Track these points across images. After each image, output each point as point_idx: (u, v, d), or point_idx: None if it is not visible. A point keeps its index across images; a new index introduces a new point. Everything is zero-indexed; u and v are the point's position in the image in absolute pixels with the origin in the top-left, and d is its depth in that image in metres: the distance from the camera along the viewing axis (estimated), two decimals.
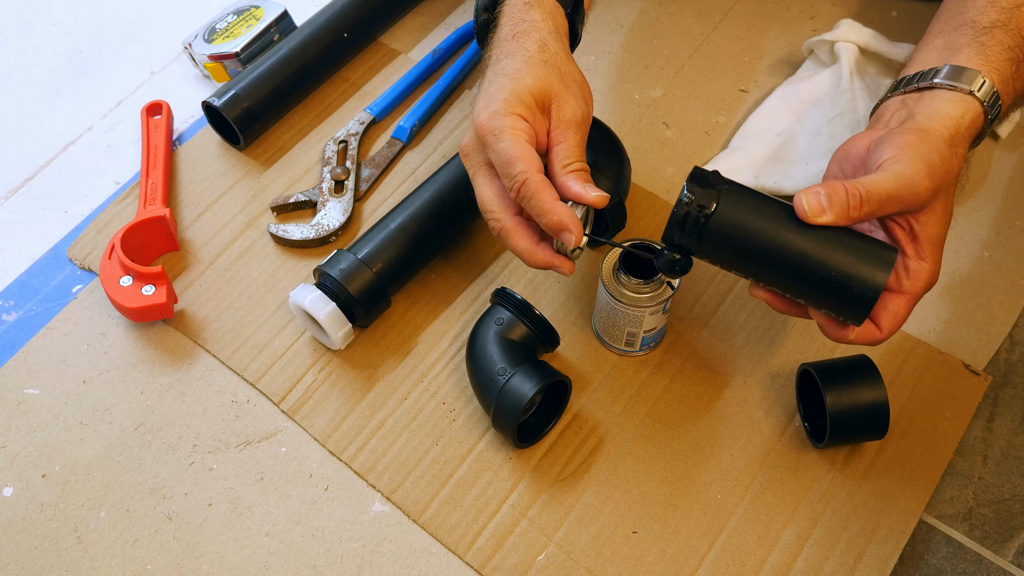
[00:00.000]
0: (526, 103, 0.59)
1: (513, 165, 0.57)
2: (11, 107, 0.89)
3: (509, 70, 0.60)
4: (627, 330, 0.66)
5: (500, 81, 0.60)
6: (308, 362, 0.71)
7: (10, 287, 0.76)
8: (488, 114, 0.58)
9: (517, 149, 0.57)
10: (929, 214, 0.56)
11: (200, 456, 0.67)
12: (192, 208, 0.79)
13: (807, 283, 0.55)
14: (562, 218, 0.57)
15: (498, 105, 0.58)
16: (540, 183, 0.57)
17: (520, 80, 0.59)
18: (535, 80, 0.60)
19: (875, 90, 0.77)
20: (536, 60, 0.61)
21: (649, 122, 0.83)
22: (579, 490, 0.65)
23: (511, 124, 0.58)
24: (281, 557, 0.63)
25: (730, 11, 0.91)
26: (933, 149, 0.56)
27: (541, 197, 0.57)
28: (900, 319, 0.58)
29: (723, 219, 0.55)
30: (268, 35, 0.86)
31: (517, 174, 0.57)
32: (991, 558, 0.62)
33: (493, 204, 0.61)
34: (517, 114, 0.59)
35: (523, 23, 0.63)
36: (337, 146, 0.81)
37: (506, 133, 0.58)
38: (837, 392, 0.62)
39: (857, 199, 0.54)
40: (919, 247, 0.57)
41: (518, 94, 0.59)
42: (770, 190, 0.76)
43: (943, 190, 0.56)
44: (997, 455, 0.66)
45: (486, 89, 0.61)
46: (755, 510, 0.64)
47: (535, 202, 0.57)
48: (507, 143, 0.57)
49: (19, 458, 0.68)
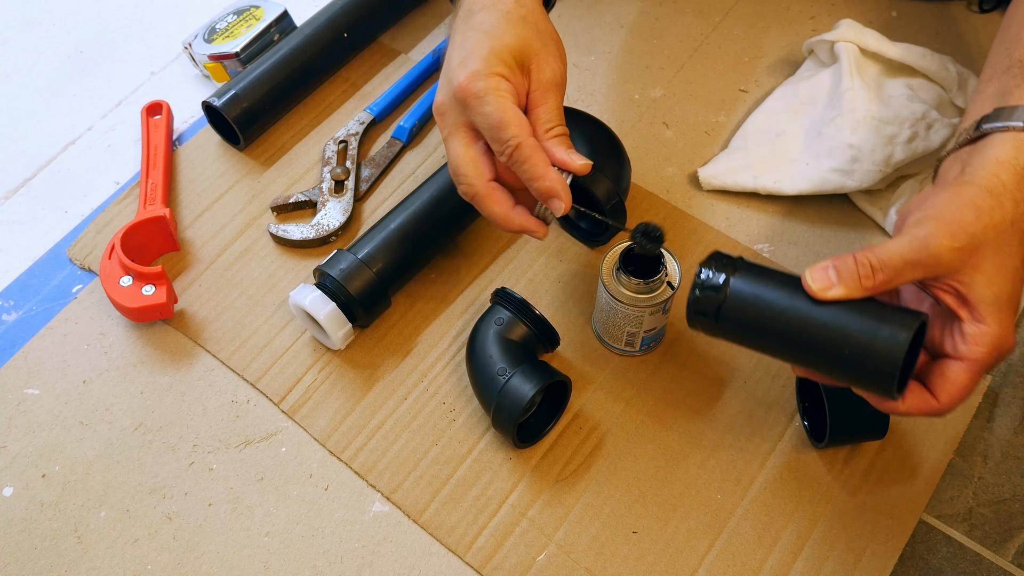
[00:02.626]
0: (506, 62, 0.57)
1: (504, 129, 0.55)
2: (11, 107, 0.89)
3: (486, 25, 0.58)
4: (627, 330, 0.66)
5: (476, 37, 0.57)
6: (308, 362, 0.71)
7: (10, 287, 0.76)
8: (469, 75, 0.56)
9: (507, 112, 0.56)
10: (974, 273, 0.52)
11: (200, 456, 0.67)
12: (192, 208, 0.79)
13: (828, 361, 0.54)
14: (554, 184, 0.56)
15: (478, 64, 0.56)
16: (534, 148, 0.56)
17: (499, 37, 0.57)
18: (514, 38, 0.57)
19: (875, 90, 0.77)
20: (514, 16, 0.58)
21: (649, 122, 0.83)
22: (579, 490, 0.65)
23: (495, 85, 0.56)
24: (281, 557, 0.63)
25: (730, 11, 0.91)
26: (966, 204, 0.52)
27: (534, 162, 0.56)
28: (961, 387, 0.53)
29: (736, 301, 0.54)
30: (268, 35, 0.86)
31: (509, 138, 0.56)
32: (991, 558, 0.62)
33: (468, 168, 0.59)
34: (499, 74, 0.56)
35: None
36: (337, 146, 0.81)
37: (491, 95, 0.56)
38: (838, 392, 0.62)
39: (868, 268, 0.51)
40: (973, 310, 0.52)
41: (498, 52, 0.56)
42: (770, 190, 0.76)
43: (987, 245, 0.52)
44: (997, 455, 0.66)
45: (460, 45, 0.58)
46: (755, 510, 0.64)
47: (528, 166, 0.56)
48: (494, 106, 0.55)
49: (19, 458, 0.68)
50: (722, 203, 0.78)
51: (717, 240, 0.76)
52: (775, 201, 0.78)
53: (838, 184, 0.75)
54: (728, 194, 0.78)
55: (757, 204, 0.78)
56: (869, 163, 0.74)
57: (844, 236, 0.76)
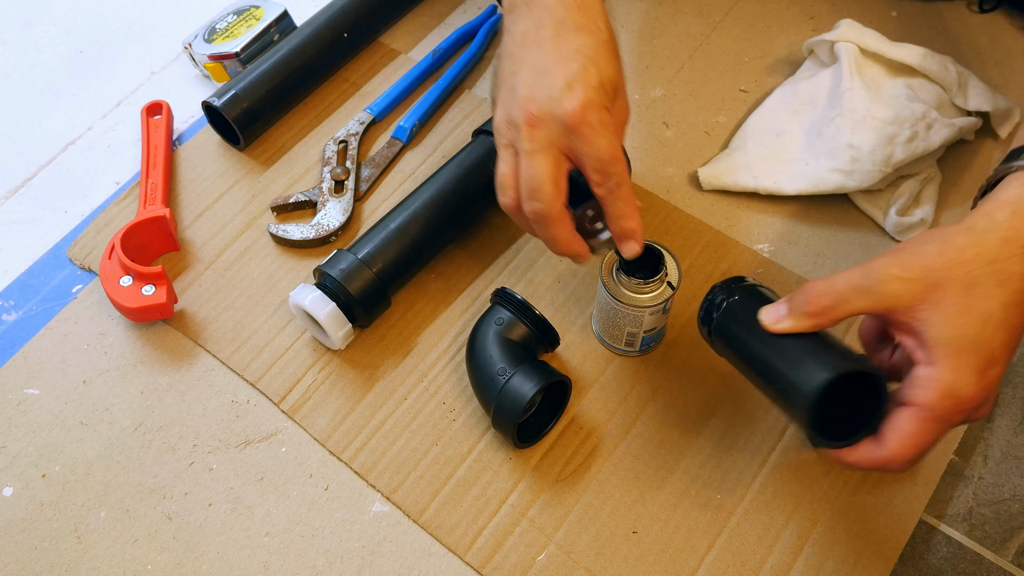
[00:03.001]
0: (609, 95, 0.57)
1: (616, 163, 0.56)
2: (11, 107, 0.89)
3: (589, 50, 0.57)
4: (627, 330, 0.66)
5: (582, 62, 0.56)
6: (308, 362, 0.71)
7: (10, 287, 0.76)
8: (584, 103, 0.55)
9: (618, 149, 0.57)
10: (931, 311, 0.49)
11: (200, 456, 0.67)
12: (192, 208, 0.79)
13: (768, 394, 0.55)
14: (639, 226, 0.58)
15: (591, 94, 0.56)
16: (632, 188, 0.58)
17: (604, 68, 0.57)
18: (615, 72, 0.58)
19: (875, 90, 0.77)
20: (610, 46, 0.58)
21: (649, 122, 0.83)
22: (579, 490, 0.65)
23: (607, 120, 0.56)
24: (281, 557, 0.63)
25: (730, 11, 0.91)
26: (932, 239, 0.50)
27: (629, 200, 0.57)
28: (908, 435, 0.49)
29: (723, 320, 0.57)
30: (268, 35, 0.86)
31: (616, 173, 0.56)
32: (991, 558, 0.62)
33: (551, 188, 0.57)
34: (607, 108, 0.57)
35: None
36: (337, 146, 0.81)
37: (606, 129, 0.56)
38: None
39: (813, 294, 0.51)
40: (928, 351, 0.49)
41: (605, 85, 0.57)
42: (770, 190, 0.76)
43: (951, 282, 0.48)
44: (997, 455, 0.66)
45: (561, 62, 0.57)
46: (755, 510, 0.64)
47: (623, 204, 0.57)
48: (608, 140, 0.56)
49: (19, 458, 0.68)
50: (722, 203, 0.78)
51: (717, 240, 0.76)
52: (775, 201, 0.78)
53: (838, 184, 0.75)
54: (728, 194, 0.78)
55: (757, 204, 0.78)
56: (869, 163, 0.74)
57: (844, 236, 0.76)
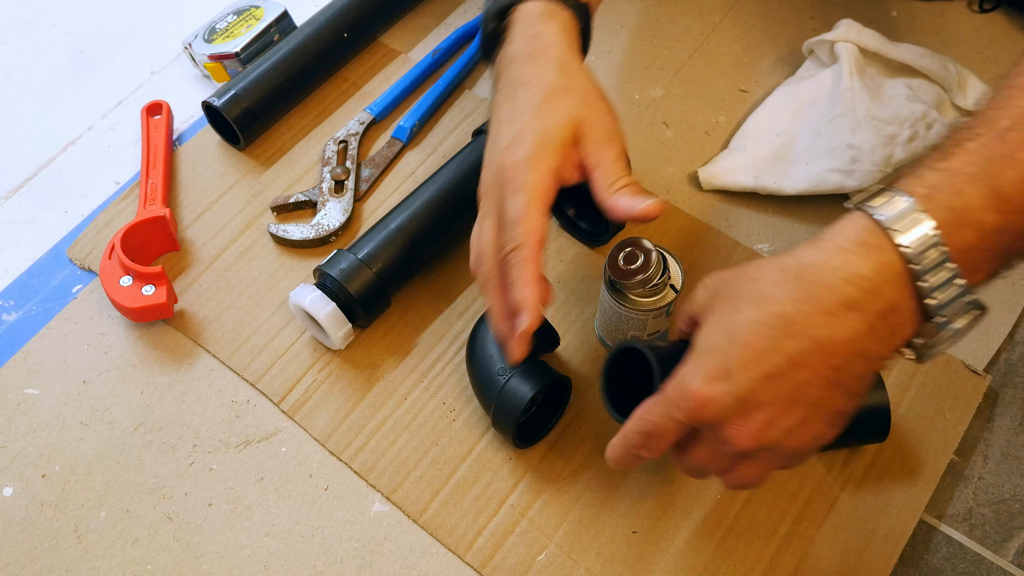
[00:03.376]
0: (555, 145, 0.56)
1: (517, 226, 0.54)
2: (11, 107, 0.89)
3: (532, 104, 0.57)
4: (631, 334, 0.66)
5: (524, 119, 0.57)
6: (308, 362, 0.71)
7: (10, 287, 0.76)
8: (515, 161, 0.55)
9: (530, 213, 0.54)
10: (706, 317, 0.49)
11: (200, 456, 0.67)
12: (192, 208, 0.79)
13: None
14: (526, 300, 0.53)
15: (526, 151, 0.55)
16: (530, 259, 0.54)
17: (546, 117, 0.56)
18: (563, 114, 0.57)
19: (875, 90, 0.77)
20: (557, 89, 0.57)
21: (649, 122, 0.83)
22: (579, 490, 0.65)
23: (535, 182, 0.55)
24: (281, 557, 0.63)
25: (730, 11, 0.91)
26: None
27: (523, 268, 0.54)
28: (641, 410, 0.50)
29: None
30: (268, 35, 0.86)
31: (518, 235, 0.54)
32: (991, 558, 0.62)
33: (491, 250, 0.57)
34: (546, 166, 0.55)
35: (539, 38, 0.60)
36: (337, 146, 0.81)
37: (524, 192, 0.54)
38: None
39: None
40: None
41: (548, 137, 0.56)
42: (770, 190, 0.76)
43: (726, 296, 0.48)
44: (997, 455, 0.66)
45: (508, 123, 0.58)
46: (755, 510, 0.64)
47: (517, 270, 0.54)
48: (523, 201, 0.54)
49: (19, 458, 0.68)
50: (722, 203, 0.78)
51: (717, 240, 0.76)
52: (775, 201, 0.78)
53: (838, 184, 0.75)
54: (728, 194, 0.78)
55: (757, 204, 0.78)
56: (869, 163, 0.74)
57: None
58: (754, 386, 0.46)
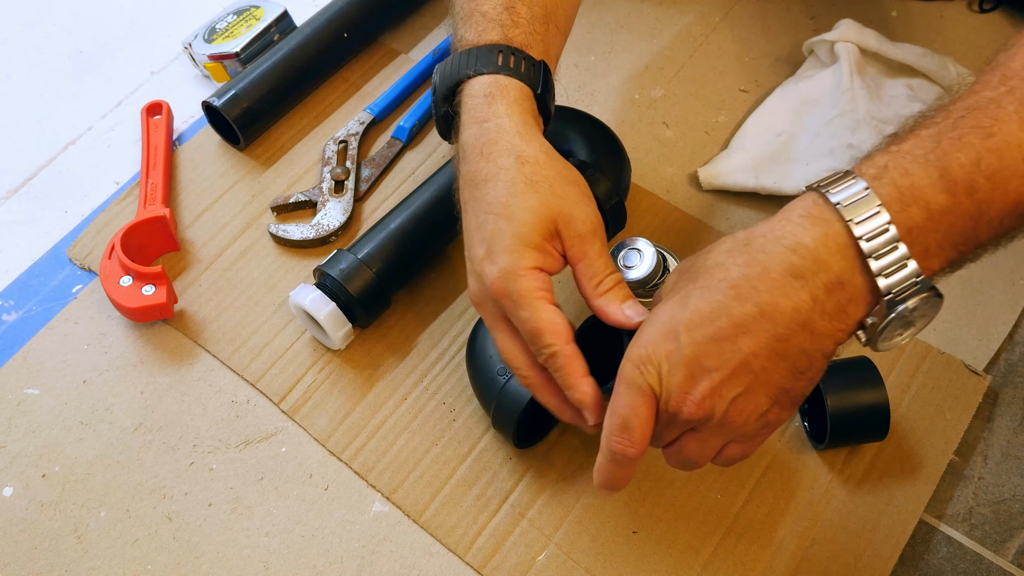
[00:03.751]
0: (533, 244, 0.53)
1: (540, 337, 0.52)
2: (11, 107, 0.89)
3: (497, 205, 0.54)
4: None
5: (493, 222, 0.53)
6: (308, 362, 0.71)
7: (10, 287, 0.76)
8: (499, 274, 0.52)
9: (541, 319, 0.52)
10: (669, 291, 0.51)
11: (200, 456, 0.67)
12: (192, 208, 0.79)
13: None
14: (585, 397, 0.52)
15: (506, 260, 0.52)
16: (569, 357, 0.52)
17: (514, 218, 0.53)
18: (531, 212, 0.53)
19: (875, 90, 0.77)
20: (519, 185, 0.53)
21: (649, 122, 0.83)
22: (579, 490, 0.65)
23: (527, 287, 0.52)
24: (281, 557, 0.63)
25: (730, 11, 0.91)
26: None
27: (568, 371, 0.52)
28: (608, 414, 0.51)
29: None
30: (268, 35, 0.86)
31: (545, 347, 0.52)
32: (991, 558, 0.62)
33: (520, 360, 0.55)
34: (530, 268, 0.52)
35: (487, 127, 0.56)
36: (337, 146, 0.81)
37: (524, 300, 0.52)
38: (838, 394, 0.62)
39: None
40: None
41: (521, 238, 0.52)
42: (770, 190, 0.76)
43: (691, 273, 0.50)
44: (997, 455, 0.66)
45: (477, 229, 0.55)
46: (755, 510, 0.64)
47: (562, 375, 0.53)
48: (528, 312, 0.52)
49: (19, 458, 0.68)
50: (722, 203, 0.78)
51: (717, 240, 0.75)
52: (775, 201, 0.78)
53: None
54: (728, 194, 0.78)
55: (757, 204, 0.78)
56: None
57: None
58: (699, 348, 0.47)
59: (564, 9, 0.64)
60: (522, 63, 0.58)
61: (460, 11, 0.62)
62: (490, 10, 0.60)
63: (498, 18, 0.59)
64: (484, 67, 0.57)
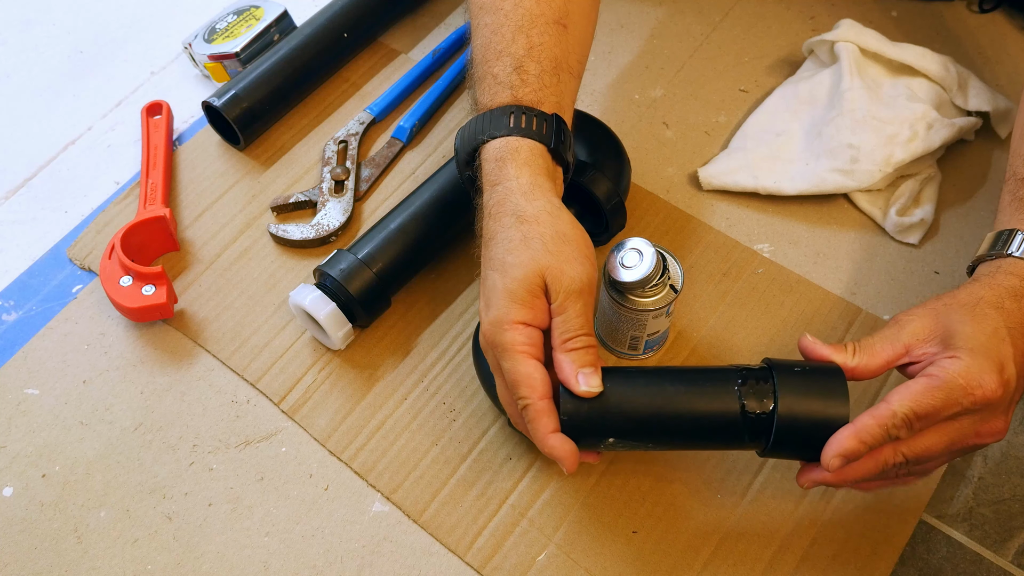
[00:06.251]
0: (521, 299, 0.55)
1: (517, 388, 0.54)
2: (11, 107, 0.89)
3: (495, 262, 0.57)
4: (630, 334, 0.66)
5: (491, 278, 0.56)
6: (308, 362, 0.71)
7: (10, 287, 0.76)
8: (490, 323, 0.55)
9: (520, 370, 0.54)
10: (949, 327, 0.55)
11: (200, 456, 0.67)
12: (192, 208, 0.79)
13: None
14: (553, 451, 0.54)
15: (498, 312, 0.55)
16: (540, 412, 0.54)
17: (507, 273, 0.55)
18: (521, 269, 0.55)
19: (875, 90, 0.77)
20: (515, 242, 0.56)
21: (649, 122, 0.83)
22: (579, 490, 0.65)
23: (511, 340, 0.54)
24: (281, 557, 0.63)
25: (730, 11, 0.91)
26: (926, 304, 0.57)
27: (537, 425, 0.54)
28: (912, 392, 0.53)
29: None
30: (268, 35, 0.86)
31: (520, 397, 0.54)
32: (991, 558, 0.62)
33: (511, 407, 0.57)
34: (515, 322, 0.54)
35: (498, 189, 0.59)
36: (337, 146, 0.81)
37: (508, 352, 0.54)
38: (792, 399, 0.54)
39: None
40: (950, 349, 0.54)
41: (510, 293, 0.55)
42: (770, 190, 0.77)
43: (956, 308, 0.56)
44: (997, 455, 0.66)
45: (483, 283, 0.58)
46: (755, 510, 0.64)
47: (532, 427, 0.55)
48: (510, 363, 0.54)
49: (19, 458, 0.68)
50: (722, 203, 0.78)
51: (717, 240, 0.76)
52: (775, 201, 0.78)
53: (838, 184, 0.75)
54: (728, 194, 0.78)
55: (757, 204, 0.78)
56: (869, 163, 0.74)
57: (844, 236, 0.76)
58: (1017, 380, 0.54)
59: (575, 54, 0.66)
60: (533, 120, 0.60)
61: (476, 74, 0.64)
62: (500, 72, 0.62)
63: (508, 80, 0.61)
64: (496, 130, 0.60)
